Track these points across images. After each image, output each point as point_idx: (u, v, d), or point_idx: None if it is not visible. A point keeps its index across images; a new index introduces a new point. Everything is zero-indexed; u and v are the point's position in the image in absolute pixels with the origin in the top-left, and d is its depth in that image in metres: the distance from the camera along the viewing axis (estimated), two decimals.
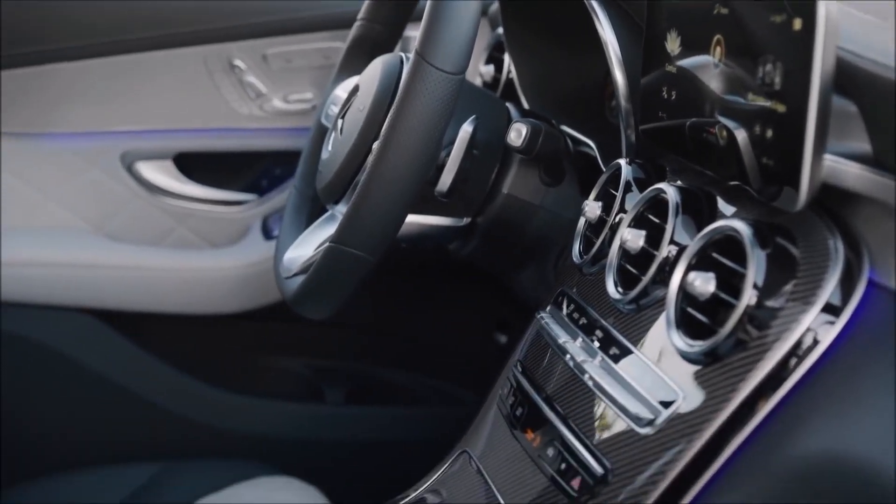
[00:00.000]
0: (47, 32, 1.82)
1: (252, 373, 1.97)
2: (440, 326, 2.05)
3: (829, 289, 0.81)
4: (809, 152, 0.78)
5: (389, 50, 1.38)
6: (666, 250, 0.94)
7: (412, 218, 1.24)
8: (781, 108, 0.81)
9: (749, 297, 0.82)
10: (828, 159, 0.80)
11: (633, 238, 0.97)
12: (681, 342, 0.88)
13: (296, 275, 1.24)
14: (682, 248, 0.92)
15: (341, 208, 1.22)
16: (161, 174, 1.88)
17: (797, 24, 0.78)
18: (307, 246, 1.27)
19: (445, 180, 1.22)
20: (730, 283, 0.85)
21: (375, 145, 1.10)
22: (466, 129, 1.21)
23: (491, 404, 1.14)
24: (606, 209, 1.08)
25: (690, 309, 0.88)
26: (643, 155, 1.11)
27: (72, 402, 1.83)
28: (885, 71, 0.82)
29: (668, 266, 0.93)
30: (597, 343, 1.00)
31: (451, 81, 1.03)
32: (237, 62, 1.86)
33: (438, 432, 1.67)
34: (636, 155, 1.11)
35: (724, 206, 0.94)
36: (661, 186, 0.98)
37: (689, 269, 0.89)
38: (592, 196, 1.11)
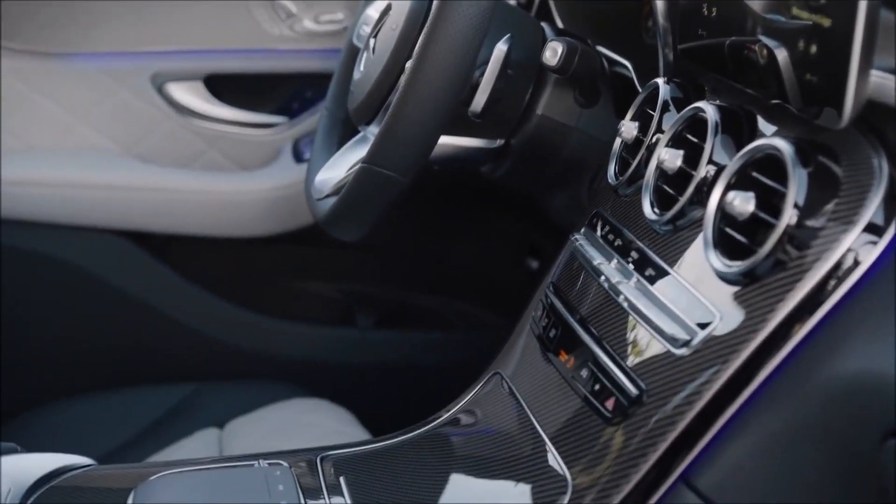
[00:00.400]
0: None
1: (283, 296, 1.98)
2: (471, 251, 2.04)
3: (872, 208, 0.79)
4: (855, 67, 0.76)
5: None
6: (704, 170, 0.92)
7: (445, 139, 1.22)
8: (826, 23, 0.79)
9: (789, 217, 0.80)
10: (874, 74, 0.78)
11: (671, 158, 0.96)
12: (718, 262, 0.86)
13: (327, 196, 1.24)
14: (721, 168, 0.91)
15: (373, 129, 1.21)
16: (191, 95, 1.88)
17: None
18: (339, 167, 1.26)
19: (479, 100, 1.20)
20: (769, 203, 0.83)
21: (408, 65, 1.09)
22: (501, 48, 1.19)
23: (523, 327, 1.14)
24: (643, 129, 1.06)
25: (728, 229, 0.86)
26: (681, 74, 1.08)
27: (103, 323, 1.85)
28: None
29: (706, 186, 0.92)
30: (632, 264, 0.99)
31: None
32: None
33: (469, 356, 1.67)
34: (674, 74, 1.09)
35: (765, 125, 0.92)
36: (700, 105, 0.96)
37: (728, 189, 0.87)
38: (629, 116, 1.09)
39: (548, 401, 1.00)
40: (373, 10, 1.34)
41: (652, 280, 0.95)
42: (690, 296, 0.89)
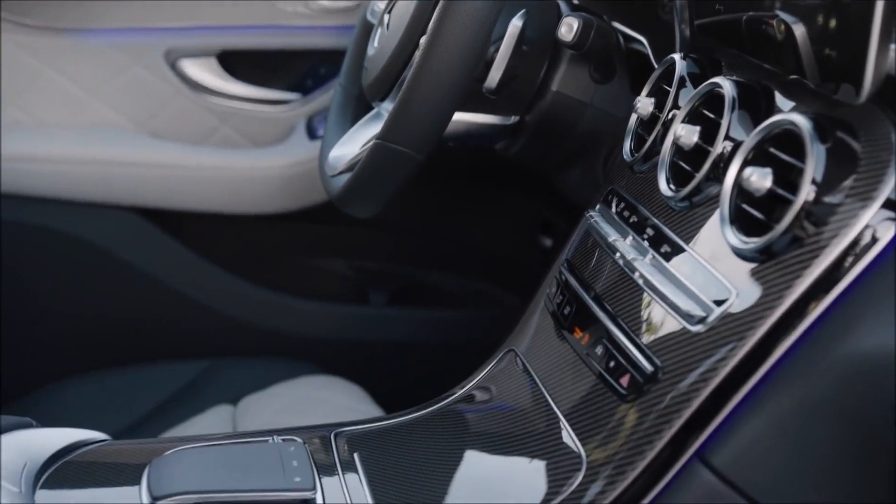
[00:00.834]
0: None
1: (296, 273, 1.98)
2: (484, 229, 2.04)
3: (891, 184, 0.79)
4: (875, 42, 0.75)
5: None
6: (721, 146, 0.92)
7: (459, 116, 1.22)
8: None
9: (807, 193, 0.80)
10: (894, 49, 0.77)
11: (688, 134, 0.95)
12: (735, 239, 0.86)
13: (341, 173, 1.24)
14: (738, 144, 0.90)
15: (387, 105, 1.20)
16: (205, 72, 1.87)
17: None
18: (353, 144, 1.26)
19: (494, 77, 1.20)
20: (787, 179, 0.83)
21: (422, 40, 1.08)
22: (516, 24, 1.19)
23: (537, 304, 1.14)
24: (659, 105, 1.06)
25: (745, 205, 0.86)
26: (697, 50, 1.08)
27: (117, 300, 1.85)
28: None
29: (723, 162, 0.91)
30: (647, 241, 0.98)
31: None
32: None
33: (482, 334, 1.67)
34: (690, 50, 1.09)
35: (783, 101, 0.92)
36: (717, 80, 0.96)
37: (745, 165, 0.87)
38: (645, 92, 1.09)
39: (562, 378, 1.00)
40: None
41: (667, 257, 0.94)
42: (706, 272, 0.89)
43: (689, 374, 0.86)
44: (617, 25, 1.27)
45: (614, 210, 1.07)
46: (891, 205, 0.79)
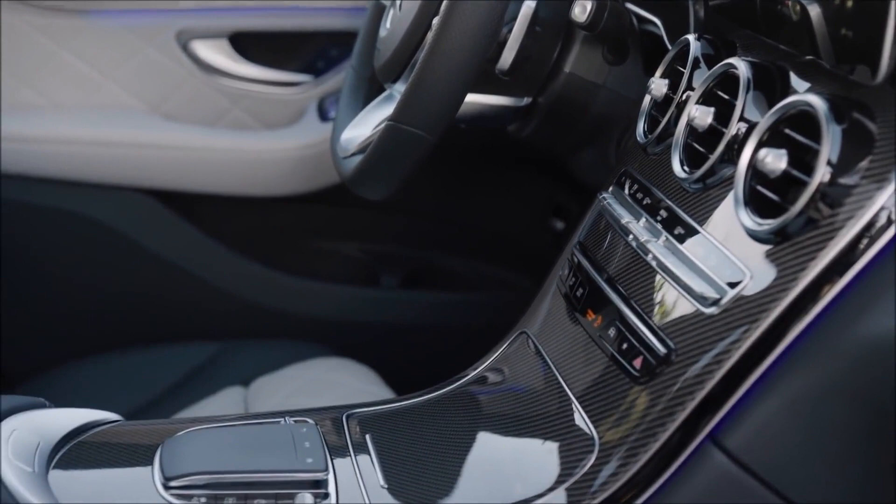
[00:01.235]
0: None
1: (308, 256, 1.98)
2: (495, 212, 2.04)
3: None
4: (893, 21, 0.75)
5: None
6: (735, 127, 0.91)
7: (472, 97, 1.21)
8: None
9: (822, 174, 0.80)
10: None
11: (702, 115, 0.95)
12: (749, 220, 0.86)
13: (353, 154, 1.23)
14: (753, 125, 0.90)
15: (399, 87, 1.20)
16: (217, 53, 1.87)
17: None
18: (365, 126, 1.25)
19: (507, 58, 1.19)
20: (802, 161, 0.82)
21: (435, 21, 1.08)
22: (529, 5, 1.18)
23: (550, 286, 1.13)
24: (673, 87, 1.05)
25: (760, 187, 0.86)
26: (712, 31, 1.07)
27: (128, 281, 1.86)
28: None
29: (737, 144, 0.91)
30: (660, 223, 0.98)
31: None
32: None
33: (493, 317, 1.67)
34: (705, 31, 1.08)
35: (798, 82, 0.91)
36: (732, 61, 0.95)
37: (760, 146, 0.86)
38: (659, 73, 1.08)
39: (574, 360, 1.00)
40: None
41: (681, 238, 0.94)
42: (720, 254, 0.88)
43: (702, 357, 0.86)
44: (630, 6, 1.27)
45: (627, 192, 1.07)
46: None
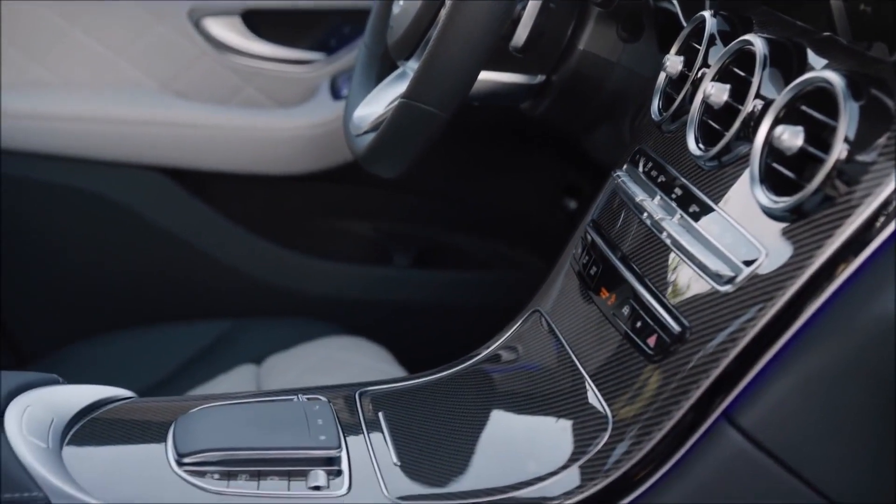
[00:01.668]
0: None
1: (320, 234, 1.98)
2: (508, 191, 2.03)
3: None
4: None
5: None
6: (752, 104, 0.90)
7: (485, 75, 1.21)
8: None
9: (839, 151, 0.79)
10: None
11: (717, 92, 0.94)
12: (765, 198, 0.85)
13: (366, 132, 1.23)
14: (769, 102, 0.89)
15: (413, 64, 1.19)
16: (229, 31, 1.87)
17: None
18: (378, 103, 1.25)
19: (521, 35, 1.19)
20: (818, 138, 0.82)
21: None
22: None
23: (563, 264, 1.13)
24: (688, 64, 1.05)
25: (776, 164, 0.85)
26: (728, 7, 1.06)
27: (140, 259, 1.86)
28: None
29: (753, 121, 0.90)
30: (675, 201, 0.97)
31: None
32: None
33: (505, 296, 1.66)
34: (720, 7, 1.07)
35: (815, 58, 0.90)
36: (748, 38, 0.94)
37: (776, 123, 0.86)
38: (674, 50, 1.07)
39: (588, 338, 1.00)
40: None
41: (696, 216, 0.94)
42: (735, 232, 0.88)
43: (717, 335, 0.85)
44: None
45: (642, 170, 1.06)
46: None
